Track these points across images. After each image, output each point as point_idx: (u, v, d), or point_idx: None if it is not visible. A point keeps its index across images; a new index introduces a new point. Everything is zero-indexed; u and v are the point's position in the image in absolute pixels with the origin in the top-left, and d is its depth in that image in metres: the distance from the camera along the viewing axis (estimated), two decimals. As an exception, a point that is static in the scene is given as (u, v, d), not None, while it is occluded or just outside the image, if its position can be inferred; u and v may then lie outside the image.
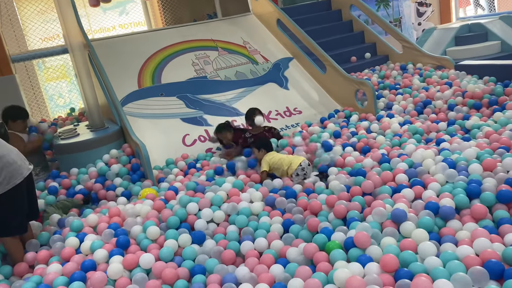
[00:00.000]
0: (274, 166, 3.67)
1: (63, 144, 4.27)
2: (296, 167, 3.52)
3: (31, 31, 6.66)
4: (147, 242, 2.65)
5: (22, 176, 2.67)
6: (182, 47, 5.80)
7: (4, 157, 2.60)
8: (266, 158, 3.72)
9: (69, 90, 7.36)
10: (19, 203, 2.69)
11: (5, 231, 2.67)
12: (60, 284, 2.28)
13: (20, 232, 2.76)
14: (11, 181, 2.60)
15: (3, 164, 2.58)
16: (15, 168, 2.64)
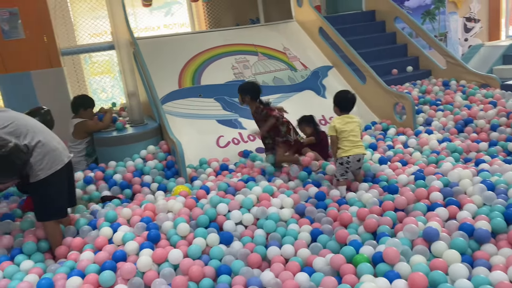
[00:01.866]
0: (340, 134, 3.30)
1: (103, 137, 4.43)
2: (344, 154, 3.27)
3: (81, 27, 6.94)
4: (176, 238, 2.71)
5: (63, 162, 2.80)
6: (223, 50, 5.89)
7: (48, 143, 2.74)
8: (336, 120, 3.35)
9: (112, 85, 7.61)
10: (59, 188, 2.82)
11: (47, 214, 2.80)
12: (91, 271, 2.36)
13: (60, 216, 2.88)
14: (53, 166, 2.73)
15: (46, 150, 2.71)
16: (56, 154, 2.77)
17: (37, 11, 4.85)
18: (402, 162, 3.81)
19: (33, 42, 4.86)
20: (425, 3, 9.15)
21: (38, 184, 2.72)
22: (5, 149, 2.50)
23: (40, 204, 2.79)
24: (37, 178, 2.70)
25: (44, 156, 2.70)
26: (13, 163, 2.54)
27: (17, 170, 2.60)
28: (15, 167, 2.57)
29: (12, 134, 2.61)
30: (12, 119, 2.67)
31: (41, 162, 2.68)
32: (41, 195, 2.77)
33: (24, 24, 4.79)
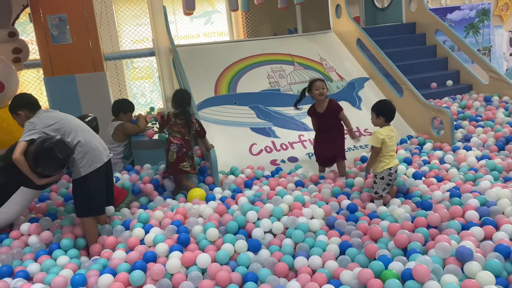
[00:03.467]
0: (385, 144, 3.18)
1: (140, 140, 4.57)
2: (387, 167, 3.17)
3: (124, 33, 7.22)
4: (205, 242, 2.75)
5: (102, 161, 2.96)
6: (260, 59, 5.96)
7: (88, 143, 2.92)
8: (382, 132, 3.20)
9: (151, 90, 7.85)
10: (98, 186, 2.96)
11: (85, 211, 2.94)
12: (123, 270, 2.44)
13: (98, 213, 3.02)
14: (92, 164, 2.89)
15: (87, 149, 2.89)
16: (97, 153, 2.94)
17: (84, 18, 5.08)
18: (437, 178, 3.71)
19: (79, 47, 5.09)
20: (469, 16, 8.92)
21: (79, 181, 2.90)
22: (50, 141, 2.71)
23: (80, 200, 2.94)
24: (78, 175, 2.88)
25: (85, 155, 2.87)
26: (56, 156, 2.71)
27: (61, 163, 2.77)
28: (59, 160, 2.73)
29: (57, 131, 2.84)
30: (58, 118, 2.91)
31: (81, 160, 2.85)
32: (81, 192, 2.92)
33: (72, 30, 5.03)
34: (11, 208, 2.96)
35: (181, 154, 3.84)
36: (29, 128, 2.82)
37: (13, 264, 2.68)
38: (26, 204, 3.08)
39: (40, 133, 2.81)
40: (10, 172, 2.87)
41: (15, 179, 2.89)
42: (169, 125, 3.94)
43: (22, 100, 2.99)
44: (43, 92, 7.83)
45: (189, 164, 3.87)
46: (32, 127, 2.83)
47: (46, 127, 2.83)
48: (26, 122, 2.88)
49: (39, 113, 2.92)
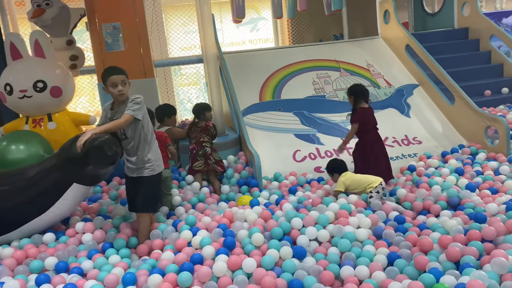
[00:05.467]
0: (350, 187, 3.64)
1: (187, 144, 4.68)
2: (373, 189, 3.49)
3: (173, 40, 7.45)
4: (251, 247, 2.77)
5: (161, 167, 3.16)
6: (305, 65, 5.95)
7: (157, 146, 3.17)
8: (341, 178, 3.69)
9: (197, 96, 8.03)
10: (159, 185, 3.25)
11: (148, 207, 3.11)
12: (171, 271, 2.50)
13: (156, 210, 3.29)
14: (161, 165, 3.13)
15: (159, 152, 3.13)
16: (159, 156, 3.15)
17: (136, 26, 5.29)
18: (492, 190, 3.54)
19: (131, 54, 5.30)
20: (527, 20, 8.47)
21: (151, 179, 3.04)
22: (101, 139, 2.81)
23: (145, 197, 3.06)
24: (150, 173, 3.02)
25: (159, 156, 3.09)
26: (105, 154, 2.81)
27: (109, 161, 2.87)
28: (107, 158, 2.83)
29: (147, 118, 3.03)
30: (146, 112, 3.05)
31: (156, 160, 3.05)
32: (148, 189, 3.06)
33: (124, 38, 5.25)
34: (65, 204, 3.09)
35: (193, 155, 4.23)
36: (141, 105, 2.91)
37: (69, 260, 2.81)
38: (78, 200, 3.21)
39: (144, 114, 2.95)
40: (64, 169, 2.99)
41: (69, 176, 3.01)
42: (191, 133, 4.39)
43: None
44: (96, 97, 8.23)
45: (202, 163, 4.18)
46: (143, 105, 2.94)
47: None
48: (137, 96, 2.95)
49: None
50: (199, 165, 4.19)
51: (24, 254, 2.84)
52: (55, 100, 4.77)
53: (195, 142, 4.30)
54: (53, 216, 3.09)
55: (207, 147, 4.24)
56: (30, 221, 3.05)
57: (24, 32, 6.74)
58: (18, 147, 4.08)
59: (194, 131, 4.38)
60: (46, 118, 4.81)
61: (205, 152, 4.21)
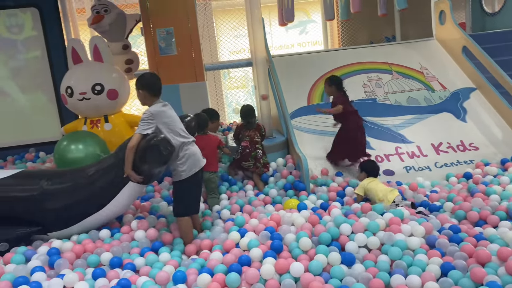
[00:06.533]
0: (368, 193, 3.68)
1: (234, 147, 4.73)
2: (389, 204, 3.46)
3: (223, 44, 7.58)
4: (298, 251, 2.75)
5: (199, 166, 3.16)
6: (355, 68, 5.85)
7: (191, 147, 3.12)
8: (364, 182, 3.73)
9: (245, 99, 8.11)
10: (194, 188, 3.19)
11: (182, 210, 3.15)
12: (219, 271, 2.54)
13: (192, 212, 3.24)
14: (192, 169, 3.09)
15: (189, 153, 3.08)
16: (196, 158, 3.13)
17: (188, 30, 5.42)
18: (558, 201, 3.31)
19: (183, 58, 5.44)
20: None
21: (179, 184, 3.11)
22: (156, 138, 2.94)
23: (178, 201, 3.16)
24: (179, 178, 3.09)
25: (187, 159, 3.07)
26: (161, 153, 2.92)
27: (163, 160, 2.98)
28: (162, 157, 2.95)
29: (169, 130, 3.03)
30: (172, 118, 3.10)
31: (184, 164, 3.06)
32: (180, 193, 3.15)
33: (177, 42, 5.40)
34: (120, 201, 3.23)
35: (245, 154, 4.26)
36: (147, 121, 2.97)
37: (123, 256, 2.92)
38: (133, 198, 3.34)
39: (154, 128, 2.98)
40: (120, 168, 3.11)
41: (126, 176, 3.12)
42: (242, 133, 4.44)
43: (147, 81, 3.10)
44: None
45: (252, 163, 4.27)
46: (151, 120, 2.97)
47: (161, 124, 3.00)
48: (146, 112, 3.01)
49: (157, 105, 3.04)
50: (248, 164, 4.27)
51: (82, 248, 3.00)
52: (111, 102, 4.99)
53: (249, 140, 4.32)
54: (109, 213, 3.24)
55: (259, 149, 4.32)
56: (89, 217, 3.22)
57: (84, 37, 7.11)
58: (77, 146, 4.32)
59: (246, 130, 4.41)
60: (103, 119, 5.04)
61: (256, 155, 4.29)
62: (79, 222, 3.21)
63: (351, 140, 4.44)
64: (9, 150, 5.87)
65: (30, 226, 3.18)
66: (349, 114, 4.45)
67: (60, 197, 3.22)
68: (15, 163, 5.56)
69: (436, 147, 4.79)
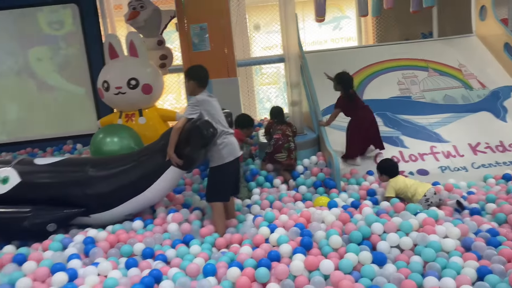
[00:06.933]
0: (399, 192, 3.57)
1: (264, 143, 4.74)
2: (420, 197, 3.41)
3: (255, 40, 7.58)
4: (328, 249, 2.73)
5: (235, 155, 3.26)
6: (390, 65, 5.73)
7: (229, 136, 3.26)
8: (391, 183, 3.60)
9: (276, 95, 8.09)
10: (229, 176, 3.28)
11: (214, 196, 3.24)
12: (249, 265, 2.55)
13: (225, 199, 3.30)
14: (229, 157, 3.20)
15: (227, 142, 3.21)
16: (233, 147, 3.25)
17: (221, 26, 5.45)
18: None
19: (216, 54, 5.47)
20: None
21: (214, 169, 3.23)
22: (200, 121, 3.10)
23: (212, 186, 3.27)
24: (214, 163, 3.21)
25: (225, 147, 3.19)
26: (202, 135, 3.06)
27: (204, 142, 3.11)
28: (204, 139, 3.08)
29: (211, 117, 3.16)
30: (215, 108, 3.23)
31: (221, 151, 3.17)
32: (214, 179, 3.25)
33: (210, 38, 5.44)
34: (161, 185, 3.36)
35: (277, 146, 4.26)
36: (192, 106, 3.14)
37: (155, 247, 2.98)
38: (173, 183, 3.46)
39: (199, 114, 3.13)
40: (161, 155, 3.28)
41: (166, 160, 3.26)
42: (273, 127, 4.48)
43: (197, 73, 3.29)
44: (181, 95, 8.65)
45: (285, 155, 4.24)
46: (196, 106, 3.13)
47: (204, 111, 3.15)
48: (192, 98, 3.21)
49: (204, 94, 3.23)
50: (282, 156, 4.27)
51: (116, 238, 3.08)
52: (146, 97, 5.09)
53: (281, 133, 4.33)
54: (148, 197, 3.37)
55: (292, 142, 4.32)
56: (128, 200, 3.35)
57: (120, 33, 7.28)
58: (113, 139, 4.42)
59: (278, 124, 4.45)
60: (137, 113, 5.15)
61: (289, 147, 4.29)
62: (120, 205, 3.35)
63: (362, 133, 4.48)
64: (48, 141, 6.10)
65: (75, 208, 3.34)
66: (356, 110, 4.51)
67: (103, 182, 3.38)
68: (53, 154, 5.77)
69: (473, 147, 4.63)
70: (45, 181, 3.45)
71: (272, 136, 4.41)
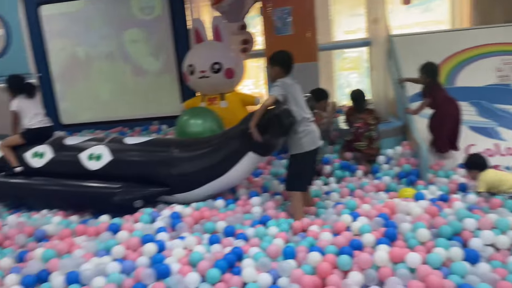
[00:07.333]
0: (492, 187, 3.32)
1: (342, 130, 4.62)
2: None
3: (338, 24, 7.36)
4: (414, 242, 2.60)
5: (316, 145, 3.20)
6: (487, 49, 5.25)
7: (311, 124, 3.19)
8: (482, 178, 3.36)
9: (357, 81, 7.82)
10: (308, 165, 3.24)
11: (294, 185, 3.21)
12: (330, 252, 2.50)
13: (304, 189, 3.28)
14: (311, 146, 3.15)
15: (309, 130, 3.15)
16: (314, 136, 3.19)
17: (305, 10, 5.35)
18: None
19: (298, 38, 5.38)
20: None
21: (294, 157, 3.20)
22: (280, 109, 3.07)
23: (291, 175, 3.24)
24: (295, 151, 3.17)
25: (306, 135, 3.13)
26: (282, 123, 3.05)
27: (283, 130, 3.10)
28: (283, 127, 3.07)
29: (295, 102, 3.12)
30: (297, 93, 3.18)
31: (302, 139, 3.12)
32: (295, 168, 3.22)
33: (293, 21, 5.37)
34: (239, 170, 3.43)
35: (358, 134, 4.14)
36: (280, 87, 3.09)
37: (236, 226, 3.04)
38: (251, 168, 3.52)
39: (284, 96, 3.09)
40: (242, 140, 3.34)
41: (246, 145, 3.33)
42: (354, 114, 4.28)
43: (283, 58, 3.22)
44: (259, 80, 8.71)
45: (365, 144, 4.14)
46: (282, 87, 3.09)
47: (290, 95, 3.11)
48: (278, 80, 3.13)
49: (288, 79, 3.18)
50: (362, 145, 4.16)
51: (200, 214, 3.21)
52: (228, 81, 5.20)
53: (363, 122, 4.20)
54: (226, 181, 3.46)
55: (373, 131, 4.18)
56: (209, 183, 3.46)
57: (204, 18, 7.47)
58: (196, 121, 4.60)
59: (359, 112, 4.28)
60: (219, 97, 5.29)
61: (371, 135, 4.16)
62: (200, 187, 3.47)
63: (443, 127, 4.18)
64: (136, 122, 6.50)
65: (160, 187, 3.52)
66: (441, 102, 4.18)
67: (186, 163, 3.52)
68: (141, 133, 6.13)
69: None
70: (133, 159, 3.67)
71: (352, 123, 4.28)
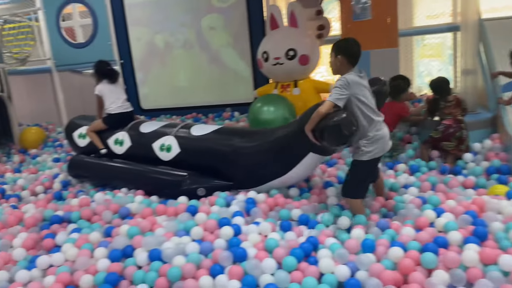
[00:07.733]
0: None
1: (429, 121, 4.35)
2: None
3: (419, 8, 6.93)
4: (507, 243, 2.38)
5: (384, 151, 2.85)
6: None
7: (382, 129, 2.82)
8: None
9: (438, 69, 7.33)
10: (370, 173, 2.95)
11: (354, 193, 2.90)
12: (413, 248, 2.37)
13: (362, 196, 2.95)
14: (377, 153, 2.80)
15: (379, 136, 2.78)
16: (384, 141, 2.82)
17: (385, -6, 5.10)
18: None
19: (377, 23, 5.15)
20: None
21: (358, 163, 2.85)
22: (338, 117, 2.68)
23: (352, 181, 2.91)
24: (360, 157, 2.82)
25: (376, 141, 2.78)
26: (341, 134, 2.68)
27: (344, 140, 2.74)
28: (342, 138, 2.71)
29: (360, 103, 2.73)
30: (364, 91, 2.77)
31: (371, 145, 2.77)
32: (356, 174, 2.88)
33: (373, 6, 5.14)
34: (301, 169, 3.27)
35: (448, 134, 3.85)
36: (341, 89, 2.69)
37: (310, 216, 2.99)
38: (312, 167, 3.36)
39: (346, 99, 2.70)
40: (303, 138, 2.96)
41: (306, 145, 3.07)
42: (440, 109, 3.98)
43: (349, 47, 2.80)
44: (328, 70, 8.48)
45: (454, 145, 3.86)
46: (345, 89, 2.68)
47: (354, 96, 2.71)
48: (341, 78, 2.72)
49: (354, 74, 2.74)
50: (449, 145, 3.87)
51: (274, 201, 3.21)
52: (302, 68, 5.12)
53: (452, 119, 3.90)
54: (288, 180, 3.35)
55: (464, 129, 3.87)
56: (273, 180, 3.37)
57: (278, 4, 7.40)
58: (269, 109, 4.60)
59: (445, 107, 3.95)
60: (293, 84, 5.23)
61: (461, 135, 3.87)
62: (265, 184, 3.38)
63: None
64: (210, 108, 6.64)
65: (224, 180, 3.51)
66: None
67: (248, 155, 3.41)
68: (214, 119, 6.27)
69: None
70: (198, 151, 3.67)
71: (440, 119, 3.97)
